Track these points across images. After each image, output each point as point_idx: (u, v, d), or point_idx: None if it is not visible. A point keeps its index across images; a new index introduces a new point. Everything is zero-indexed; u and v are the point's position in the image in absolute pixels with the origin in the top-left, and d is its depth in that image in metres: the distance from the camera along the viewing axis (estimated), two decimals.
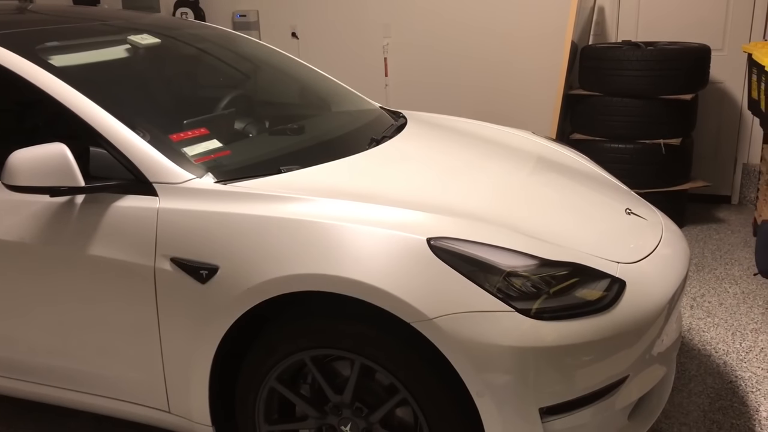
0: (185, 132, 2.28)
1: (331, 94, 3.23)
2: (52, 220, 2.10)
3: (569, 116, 4.76)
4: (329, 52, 5.87)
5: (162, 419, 2.18)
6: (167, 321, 2.01)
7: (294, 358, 1.96)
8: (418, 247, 1.83)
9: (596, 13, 5.08)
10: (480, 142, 2.89)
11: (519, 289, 1.83)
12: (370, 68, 5.78)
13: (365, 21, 5.73)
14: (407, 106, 3.30)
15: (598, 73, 4.42)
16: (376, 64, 5.78)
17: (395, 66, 5.74)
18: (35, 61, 2.24)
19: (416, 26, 5.58)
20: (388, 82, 5.77)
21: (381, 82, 5.78)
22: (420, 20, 5.56)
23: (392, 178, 2.29)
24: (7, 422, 2.64)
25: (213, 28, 3.38)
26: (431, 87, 5.64)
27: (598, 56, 4.42)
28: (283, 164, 2.22)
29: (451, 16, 5.46)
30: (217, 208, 1.98)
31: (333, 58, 5.83)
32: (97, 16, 3.11)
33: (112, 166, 2.06)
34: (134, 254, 2.00)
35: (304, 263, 1.86)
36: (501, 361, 1.76)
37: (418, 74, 5.67)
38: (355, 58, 5.80)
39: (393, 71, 5.76)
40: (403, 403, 1.91)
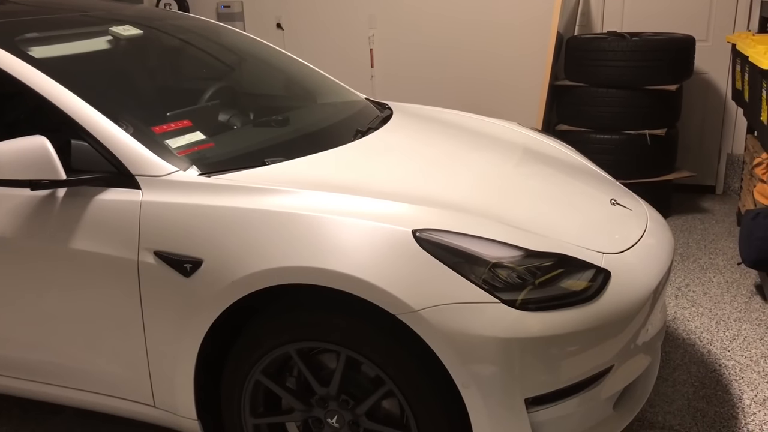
0: (168, 124, 2.25)
1: (316, 86, 3.21)
2: (33, 214, 2.08)
3: (555, 107, 4.76)
4: (314, 43, 5.84)
5: (147, 414, 2.16)
6: (151, 315, 2.00)
7: (279, 351, 1.95)
8: (403, 238, 1.83)
9: (582, 3, 5.08)
10: (466, 134, 2.88)
11: (504, 280, 1.83)
12: (356, 60, 5.76)
13: (351, 12, 5.70)
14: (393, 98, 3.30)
15: (584, 63, 4.42)
16: (361, 55, 5.75)
17: (381, 57, 5.72)
18: (14, 52, 2.20)
19: (402, 17, 5.56)
20: (374, 74, 5.76)
21: (367, 73, 5.76)
22: (405, 11, 5.54)
23: (377, 170, 2.28)
24: None
25: (197, 19, 3.35)
26: (417, 78, 5.63)
27: (584, 47, 4.43)
28: (268, 156, 2.21)
29: (437, 6, 5.44)
30: (200, 200, 1.96)
31: (318, 50, 5.80)
32: (78, 7, 3.06)
33: (93, 159, 2.03)
34: (117, 248, 1.98)
35: (289, 256, 1.85)
36: (486, 353, 1.76)
37: (403, 66, 5.65)
38: (341, 50, 5.77)
39: (379, 63, 5.74)
40: (389, 395, 1.91)
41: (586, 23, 5.12)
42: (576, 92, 4.51)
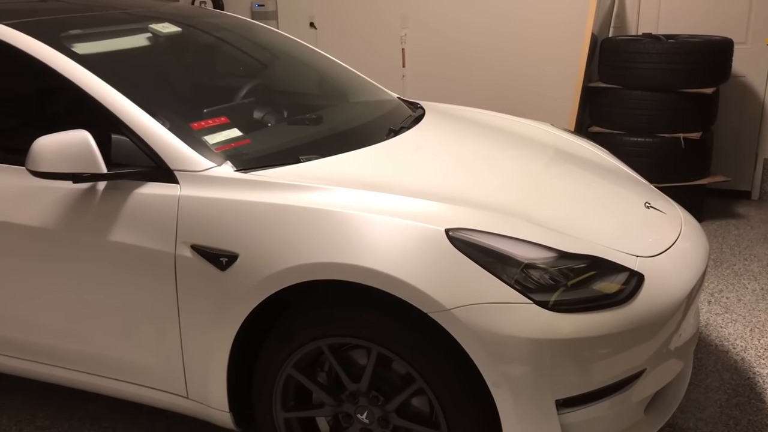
0: (206, 120, 2.29)
1: (349, 85, 3.23)
2: (74, 207, 2.13)
3: (588, 109, 4.73)
4: (346, 43, 5.86)
5: (180, 404, 2.20)
6: (187, 307, 2.03)
7: (311, 346, 1.97)
8: (436, 237, 1.84)
9: (617, 5, 5.04)
10: (498, 134, 2.88)
11: (537, 281, 1.83)
12: (387, 59, 5.77)
13: (383, 12, 5.72)
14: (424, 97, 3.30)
15: (618, 65, 4.38)
16: (393, 55, 5.77)
17: (412, 57, 5.73)
18: (59, 48, 2.26)
19: (434, 17, 5.56)
20: (405, 73, 5.76)
21: (398, 73, 5.77)
22: (438, 11, 5.54)
23: (410, 169, 2.29)
24: (30, 405, 2.68)
25: (232, 17, 3.39)
26: (448, 78, 5.62)
27: (619, 49, 4.39)
28: (302, 154, 2.23)
29: (469, 6, 5.43)
30: (237, 196, 1.99)
31: (350, 49, 5.83)
32: (117, 5, 3.13)
33: (133, 153, 2.08)
34: (155, 241, 2.02)
35: (323, 252, 1.87)
36: (518, 353, 1.76)
37: (435, 65, 5.65)
38: (372, 49, 5.79)
39: (410, 62, 5.74)
40: (419, 393, 1.92)
41: (620, 25, 5.07)
42: (610, 94, 4.47)
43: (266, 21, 5.83)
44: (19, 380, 2.49)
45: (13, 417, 2.62)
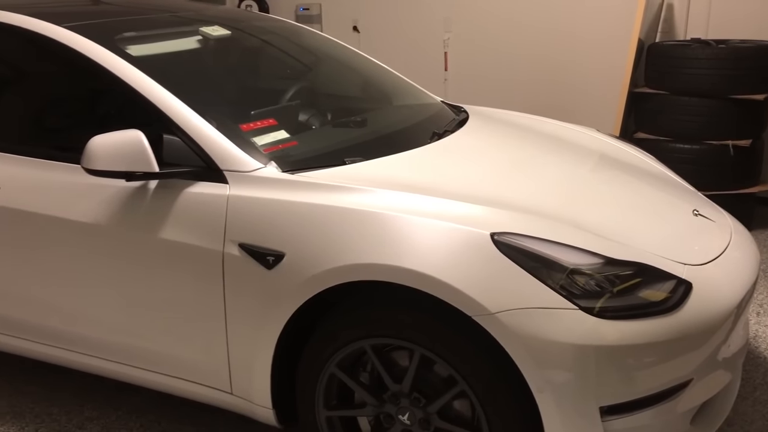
0: (255, 122, 2.33)
1: (393, 88, 3.25)
2: (126, 204, 2.19)
3: (633, 114, 4.66)
4: (389, 46, 5.89)
5: (224, 400, 2.24)
6: (233, 305, 2.07)
7: (354, 345, 1.99)
8: (481, 241, 1.84)
9: (665, 9, 4.96)
10: (543, 138, 2.87)
11: (582, 287, 1.82)
12: (430, 62, 5.77)
13: (426, 15, 5.73)
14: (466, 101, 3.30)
15: (666, 71, 4.31)
16: (435, 58, 5.77)
17: (455, 60, 5.72)
18: (114, 50, 2.33)
19: (477, 20, 5.55)
20: (447, 77, 5.76)
21: (440, 76, 5.77)
22: (481, 14, 5.52)
23: (454, 172, 2.30)
24: (78, 396, 2.76)
25: (279, 21, 3.44)
26: (491, 82, 5.60)
27: (666, 54, 4.32)
28: (347, 156, 2.26)
29: (513, 10, 5.41)
30: (284, 196, 2.03)
31: (392, 52, 5.85)
32: (167, 8, 3.20)
33: (184, 153, 2.13)
34: (204, 239, 2.07)
35: (367, 253, 1.89)
36: (562, 359, 1.76)
37: (477, 69, 5.64)
38: (415, 53, 5.80)
39: (453, 66, 5.74)
40: (461, 395, 1.92)
41: (668, 30, 4.99)
42: (656, 100, 4.40)
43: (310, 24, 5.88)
44: (68, 371, 2.57)
45: (63, 407, 2.70)
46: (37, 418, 2.64)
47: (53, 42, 2.40)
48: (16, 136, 2.54)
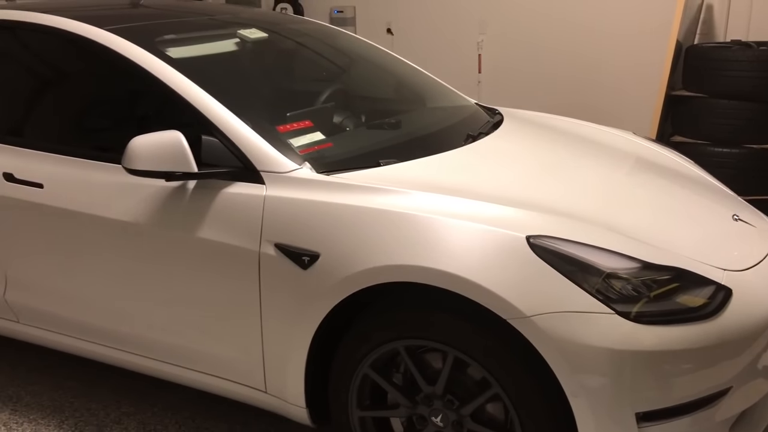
0: (291, 124, 2.36)
1: (427, 90, 3.26)
2: (165, 203, 2.23)
3: (670, 118, 4.60)
4: (423, 48, 5.89)
5: (258, 398, 2.27)
6: (269, 304, 2.09)
7: (388, 346, 2.00)
8: (516, 244, 1.83)
9: (704, 10, 4.88)
10: (578, 141, 2.84)
11: (619, 291, 1.80)
12: (463, 65, 5.76)
13: (461, 18, 5.72)
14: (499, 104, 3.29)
15: (704, 73, 4.25)
16: (469, 60, 5.76)
17: (489, 63, 5.71)
18: (155, 53, 2.37)
19: (513, 23, 5.53)
20: (481, 79, 5.74)
21: (473, 78, 5.75)
22: (516, 16, 5.50)
23: (489, 175, 2.30)
24: (116, 392, 2.82)
25: (314, 23, 3.47)
26: (525, 84, 5.57)
27: (705, 56, 4.25)
28: (382, 158, 2.27)
29: (549, 12, 5.37)
30: (320, 197, 2.04)
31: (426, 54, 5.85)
32: (204, 11, 3.26)
33: (222, 154, 2.16)
34: (241, 239, 2.10)
35: (402, 254, 1.90)
36: (598, 363, 1.74)
37: (512, 71, 5.61)
38: (448, 55, 5.80)
39: (486, 68, 5.72)
40: (494, 399, 1.92)
41: (707, 31, 4.91)
42: (694, 103, 4.34)
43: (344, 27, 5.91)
44: (106, 367, 2.62)
45: (101, 402, 2.76)
46: (77, 412, 2.70)
47: (95, 44, 2.45)
48: (59, 136, 2.60)
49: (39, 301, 2.59)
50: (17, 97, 2.67)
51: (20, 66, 2.74)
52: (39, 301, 2.59)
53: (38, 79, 2.79)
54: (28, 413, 2.70)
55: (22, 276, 2.59)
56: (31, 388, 2.86)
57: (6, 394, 2.82)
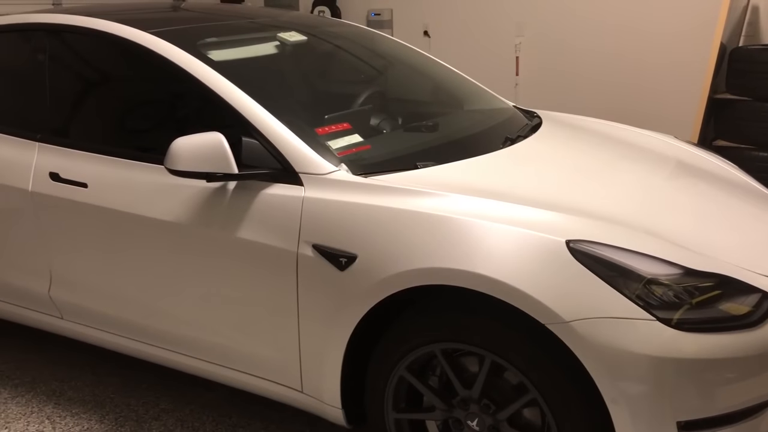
0: (330, 126, 2.37)
1: (464, 92, 3.25)
2: (205, 204, 2.26)
3: (713, 121, 4.51)
4: (460, 51, 5.88)
5: (294, 398, 2.29)
6: (306, 304, 2.11)
7: (425, 349, 2.00)
8: (556, 248, 1.82)
9: (749, 12, 4.77)
10: (618, 145, 2.81)
11: (659, 297, 1.77)
12: (500, 67, 5.74)
13: (498, 20, 5.69)
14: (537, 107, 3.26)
15: (750, 76, 4.16)
16: (506, 63, 5.73)
17: (526, 65, 5.67)
18: (197, 56, 2.41)
19: (550, 25, 5.48)
20: (519, 82, 5.71)
21: (511, 81, 5.72)
22: (554, 18, 5.45)
23: (528, 178, 2.28)
24: (154, 389, 2.87)
25: (353, 26, 3.49)
26: (563, 87, 5.52)
27: (750, 59, 4.16)
28: (419, 160, 2.27)
29: (587, 14, 5.31)
30: (358, 199, 2.05)
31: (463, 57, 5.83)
32: (244, 14, 3.30)
33: (262, 155, 2.18)
34: (279, 239, 2.12)
35: (439, 257, 1.90)
36: (638, 370, 1.72)
37: (550, 74, 5.57)
38: (485, 57, 5.77)
39: (524, 70, 5.68)
40: (531, 404, 1.90)
41: (753, 33, 4.80)
42: (738, 106, 4.25)
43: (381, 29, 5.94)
44: (146, 364, 2.67)
45: (141, 398, 2.81)
46: (117, 408, 2.76)
47: (140, 47, 2.50)
48: (103, 136, 2.66)
49: (82, 298, 2.65)
50: (63, 99, 2.73)
51: (66, 68, 2.81)
52: (82, 298, 2.65)
53: (83, 81, 2.86)
54: (71, 407, 2.76)
55: (66, 273, 2.65)
56: (73, 383, 2.93)
57: (49, 388, 2.89)
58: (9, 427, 2.65)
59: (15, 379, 2.97)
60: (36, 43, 2.83)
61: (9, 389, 2.90)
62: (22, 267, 2.77)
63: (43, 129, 2.70)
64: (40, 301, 2.77)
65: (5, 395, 2.85)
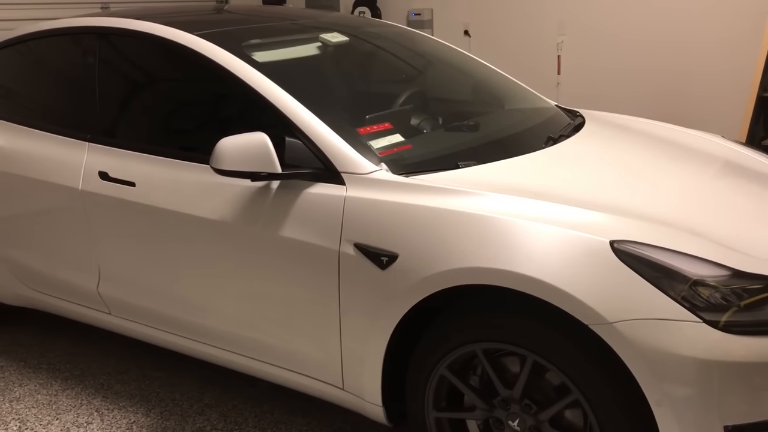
0: (371, 126, 2.39)
1: (505, 91, 3.23)
2: (250, 203, 2.30)
3: (762, 120, 4.39)
4: (500, 50, 5.85)
5: (335, 395, 2.31)
6: (347, 302, 2.13)
7: (466, 348, 2.00)
8: (600, 249, 1.80)
9: None
10: (663, 144, 2.76)
11: (706, 299, 1.74)
12: (541, 66, 5.69)
13: (540, 19, 5.65)
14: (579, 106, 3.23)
15: None
16: (547, 62, 5.68)
17: (568, 64, 5.61)
18: (242, 57, 2.46)
19: (593, 23, 5.41)
20: (560, 81, 5.65)
21: (552, 80, 5.67)
22: (596, 16, 5.38)
23: (570, 178, 2.26)
24: (198, 385, 2.93)
25: (394, 27, 3.50)
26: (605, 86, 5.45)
27: None
28: (460, 160, 2.27)
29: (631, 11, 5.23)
30: (399, 198, 2.07)
31: (503, 56, 5.81)
32: (286, 15, 3.33)
33: (305, 155, 2.21)
34: (321, 238, 2.14)
35: (481, 257, 1.90)
36: (684, 373, 1.69)
37: (591, 72, 5.50)
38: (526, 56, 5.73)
39: (565, 69, 5.62)
40: (573, 405, 1.89)
41: None
42: None
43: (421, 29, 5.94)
44: (190, 360, 2.72)
45: (185, 393, 2.87)
46: (162, 402, 2.82)
47: (187, 49, 2.56)
48: (150, 136, 2.72)
49: (128, 294, 2.72)
50: (112, 100, 2.81)
51: (115, 70, 2.88)
52: (128, 294, 2.72)
53: (131, 83, 2.93)
54: (118, 401, 2.83)
55: (113, 270, 2.73)
56: (119, 377, 3.00)
57: (98, 382, 2.97)
58: (60, 418, 2.74)
59: (65, 372, 3.07)
60: (86, 46, 2.91)
61: (60, 381, 2.99)
62: (72, 263, 2.85)
63: (92, 129, 2.78)
64: (89, 296, 2.85)
65: (56, 387, 2.95)
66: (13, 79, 3.18)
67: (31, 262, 3.02)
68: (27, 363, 3.15)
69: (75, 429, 2.66)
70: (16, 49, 3.16)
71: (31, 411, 2.79)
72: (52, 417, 2.74)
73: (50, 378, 3.02)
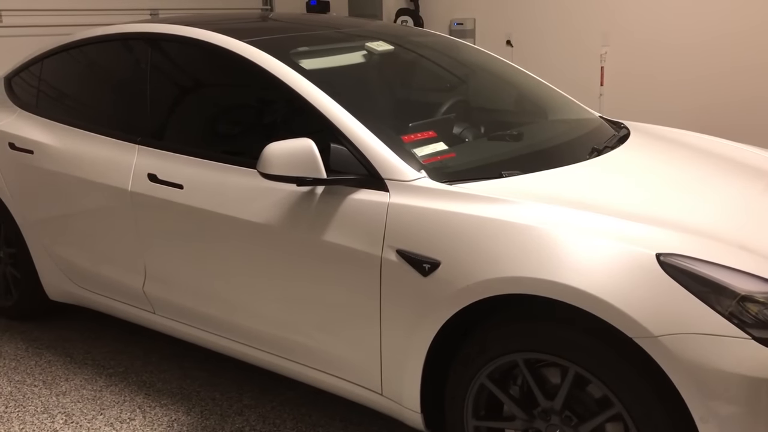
0: (415, 134, 2.41)
1: (549, 102, 3.22)
2: (294, 207, 2.34)
3: None
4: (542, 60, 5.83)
5: (373, 400, 2.32)
6: (389, 308, 2.15)
7: (507, 358, 2.00)
8: (646, 261, 1.79)
9: None
10: (710, 158, 2.72)
11: (754, 315, 1.71)
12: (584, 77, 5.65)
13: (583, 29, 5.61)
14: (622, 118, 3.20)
15: None
16: (590, 72, 5.63)
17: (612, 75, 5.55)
18: (290, 64, 2.50)
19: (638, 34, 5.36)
20: (603, 92, 5.60)
21: (595, 91, 5.62)
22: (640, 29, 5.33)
23: (615, 189, 2.24)
24: (238, 385, 2.97)
25: (435, 35, 3.52)
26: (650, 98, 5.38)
27: None
28: (504, 169, 2.27)
29: (677, 22, 5.16)
30: (442, 206, 2.08)
31: (546, 66, 5.78)
32: (329, 24, 3.37)
33: (349, 161, 2.24)
34: (364, 243, 2.16)
35: (525, 266, 1.90)
36: (730, 390, 1.67)
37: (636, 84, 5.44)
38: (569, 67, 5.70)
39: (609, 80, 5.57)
40: (615, 418, 1.87)
41: None
42: None
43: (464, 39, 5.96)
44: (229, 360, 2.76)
45: (225, 393, 2.91)
46: (202, 401, 2.87)
47: (235, 56, 2.62)
48: (198, 140, 2.78)
49: (173, 294, 2.78)
50: (162, 104, 2.88)
51: (165, 75, 2.96)
52: (173, 294, 2.78)
53: (181, 88, 3.00)
54: (160, 398, 2.89)
55: (159, 270, 2.79)
56: (162, 375, 3.07)
57: (141, 380, 3.04)
58: (104, 413, 2.80)
59: (109, 368, 3.14)
60: (138, 52, 3.00)
61: (104, 378, 3.06)
62: (119, 262, 2.93)
63: (142, 132, 2.86)
64: (135, 295, 2.92)
65: (101, 383, 3.02)
66: (68, 82, 3.29)
67: (79, 259, 3.11)
68: (73, 358, 3.23)
69: (118, 425, 2.72)
70: (70, 54, 3.26)
71: (76, 405, 2.86)
72: (96, 412, 2.81)
73: (95, 374, 3.09)
